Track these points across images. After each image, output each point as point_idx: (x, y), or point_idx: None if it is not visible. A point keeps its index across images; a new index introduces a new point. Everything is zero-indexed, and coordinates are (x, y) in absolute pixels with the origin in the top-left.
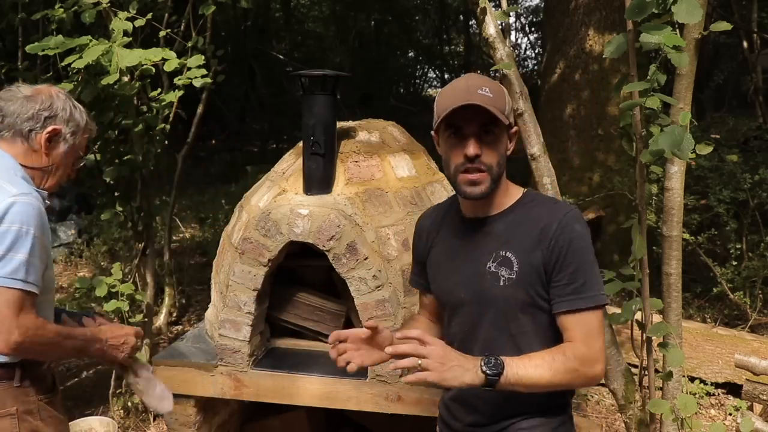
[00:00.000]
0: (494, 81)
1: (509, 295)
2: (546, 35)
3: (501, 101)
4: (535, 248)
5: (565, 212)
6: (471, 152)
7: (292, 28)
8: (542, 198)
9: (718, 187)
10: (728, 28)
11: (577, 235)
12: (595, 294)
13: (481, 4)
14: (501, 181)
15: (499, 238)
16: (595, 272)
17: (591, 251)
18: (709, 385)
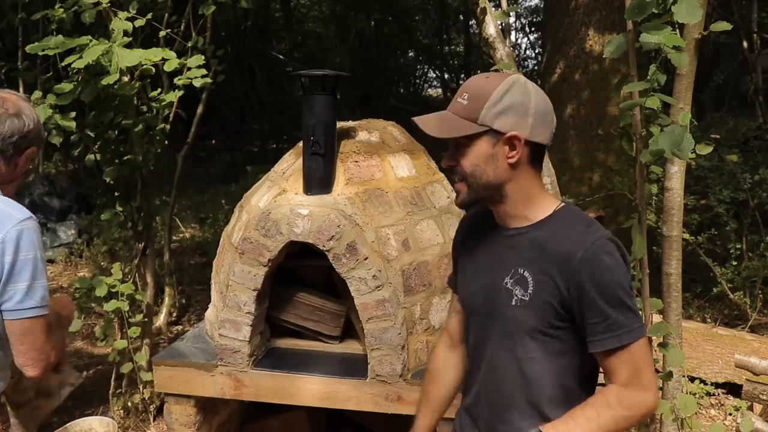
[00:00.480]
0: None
1: (519, 316)
2: (546, 35)
3: (475, 107)
4: (554, 276)
5: (593, 241)
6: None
7: (292, 28)
8: (576, 218)
9: (718, 187)
10: (728, 28)
11: (605, 268)
12: (629, 330)
13: (481, 4)
14: (499, 192)
15: (520, 255)
16: (628, 305)
17: (622, 283)
18: (709, 385)
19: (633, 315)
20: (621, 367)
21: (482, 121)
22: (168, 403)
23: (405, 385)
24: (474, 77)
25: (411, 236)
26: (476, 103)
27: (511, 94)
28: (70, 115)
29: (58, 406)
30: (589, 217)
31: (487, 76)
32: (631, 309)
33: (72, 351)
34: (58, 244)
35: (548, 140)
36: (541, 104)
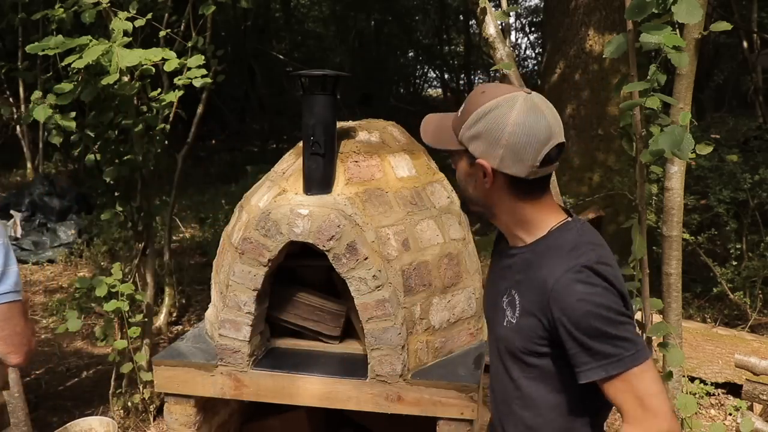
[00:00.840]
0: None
1: (509, 337)
2: (546, 35)
3: (459, 123)
4: (534, 302)
5: (568, 269)
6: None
7: (292, 28)
8: (564, 241)
9: (718, 187)
10: (728, 28)
11: (576, 300)
12: (618, 359)
13: (481, 4)
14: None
15: (513, 276)
16: (610, 334)
17: (599, 313)
18: (709, 385)
19: (621, 342)
20: (622, 399)
21: (461, 139)
22: (168, 403)
23: (405, 385)
24: (481, 85)
25: (411, 236)
26: (462, 118)
27: (487, 119)
28: (70, 115)
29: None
30: (581, 237)
31: (484, 90)
32: (618, 337)
33: (72, 351)
34: (58, 244)
35: (526, 174)
36: (521, 137)
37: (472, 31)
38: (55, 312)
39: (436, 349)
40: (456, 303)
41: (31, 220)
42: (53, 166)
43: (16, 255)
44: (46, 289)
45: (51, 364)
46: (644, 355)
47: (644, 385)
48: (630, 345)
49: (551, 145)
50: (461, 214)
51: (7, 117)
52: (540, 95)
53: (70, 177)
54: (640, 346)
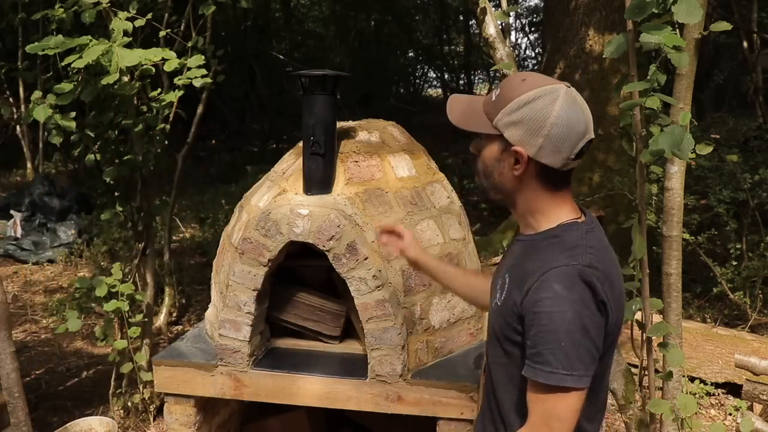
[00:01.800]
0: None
1: (493, 318)
2: (546, 35)
3: (496, 107)
4: (519, 288)
5: (556, 266)
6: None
7: (292, 28)
8: (565, 239)
9: (718, 187)
10: (728, 28)
11: (548, 296)
12: (552, 372)
13: (481, 4)
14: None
15: (511, 261)
16: (562, 347)
17: (567, 319)
18: (709, 385)
19: (565, 360)
20: (532, 405)
21: (496, 124)
22: (168, 403)
23: (405, 385)
24: (519, 73)
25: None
26: (499, 103)
27: (529, 108)
28: (70, 115)
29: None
30: (581, 241)
31: (525, 78)
32: (566, 354)
33: (72, 351)
34: (58, 244)
35: (560, 165)
36: (562, 129)
37: (472, 31)
38: (55, 312)
39: (436, 349)
40: (456, 303)
41: (31, 220)
42: (53, 166)
43: (16, 255)
44: (46, 289)
45: (51, 364)
46: (580, 383)
47: (557, 409)
48: (570, 366)
49: (586, 139)
50: (461, 214)
51: (7, 117)
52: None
53: (70, 177)
54: (581, 372)
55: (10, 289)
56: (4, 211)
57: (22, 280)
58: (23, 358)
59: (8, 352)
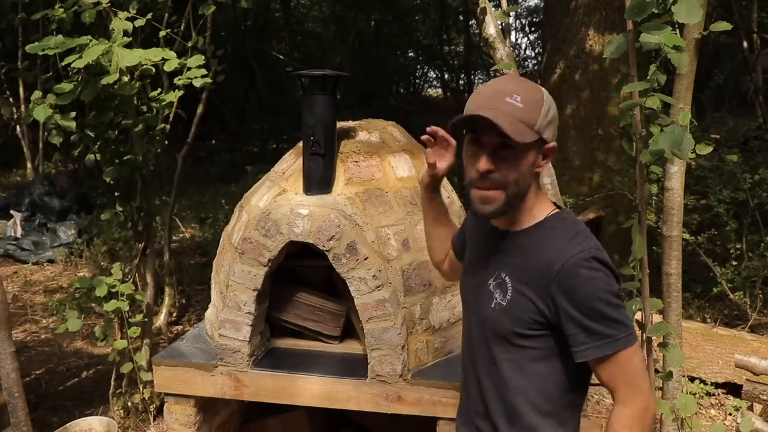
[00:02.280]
0: (535, 87)
1: (497, 320)
2: (546, 35)
3: (532, 112)
4: (534, 285)
5: (574, 254)
6: (482, 168)
7: (292, 28)
8: (563, 228)
9: (718, 187)
10: (728, 28)
11: (582, 282)
12: (614, 339)
13: (481, 4)
14: (521, 200)
15: (504, 258)
16: (609, 316)
17: (601, 296)
18: (709, 385)
19: (618, 325)
20: (614, 377)
21: (538, 128)
22: (168, 403)
23: (405, 385)
24: (510, 78)
25: (411, 236)
26: (532, 108)
27: (553, 105)
28: (70, 115)
29: (58, 406)
30: (577, 227)
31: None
32: (616, 320)
33: (72, 351)
34: (58, 244)
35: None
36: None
37: (472, 31)
38: (55, 312)
39: (436, 349)
40: (456, 303)
41: (31, 220)
42: (53, 166)
43: (17, 255)
44: (46, 289)
45: (51, 364)
46: (635, 338)
47: (632, 365)
48: (624, 328)
49: None
50: (461, 214)
51: (7, 117)
52: None
53: (70, 177)
54: (631, 329)
55: (10, 289)
56: (4, 211)
57: (22, 280)
58: (23, 358)
59: (8, 352)
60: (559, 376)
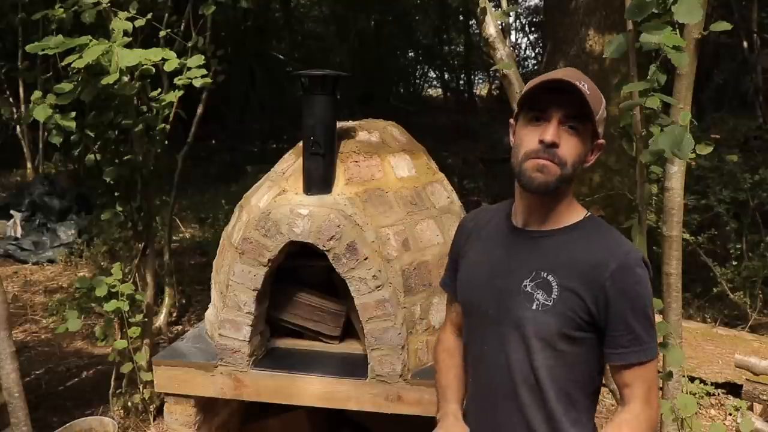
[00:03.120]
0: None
1: (540, 322)
2: (546, 35)
3: (596, 102)
4: (584, 282)
5: (627, 252)
6: (549, 137)
7: (292, 28)
8: (606, 228)
9: (718, 187)
10: (728, 28)
11: (637, 281)
12: (652, 346)
13: (481, 4)
14: (567, 189)
15: (545, 257)
16: (651, 321)
17: (649, 298)
18: (709, 385)
19: (654, 333)
20: (637, 383)
21: (598, 119)
22: (168, 403)
23: (405, 385)
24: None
25: (411, 236)
26: (596, 98)
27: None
28: (70, 115)
29: (58, 406)
30: (615, 231)
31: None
32: (653, 326)
33: (72, 351)
34: (58, 244)
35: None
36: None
37: (472, 31)
38: (55, 312)
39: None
40: None
41: (31, 220)
42: (53, 166)
43: (17, 255)
44: (46, 289)
45: (51, 364)
46: (658, 349)
47: (653, 376)
48: (655, 337)
49: None
50: (461, 214)
51: (7, 117)
52: None
53: (70, 177)
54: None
55: (10, 289)
56: (4, 211)
57: (22, 280)
58: (23, 358)
59: (8, 352)
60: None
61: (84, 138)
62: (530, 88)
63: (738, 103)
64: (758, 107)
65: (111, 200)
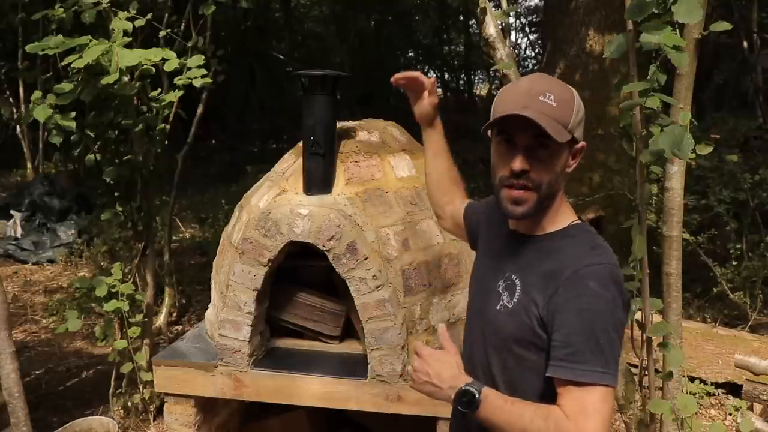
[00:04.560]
0: (565, 86)
1: (501, 322)
2: (546, 35)
3: (565, 112)
4: (541, 288)
5: (588, 264)
6: (517, 167)
7: (292, 28)
8: (584, 238)
9: (718, 187)
10: (728, 28)
11: (587, 294)
12: (590, 369)
13: (481, 4)
14: (551, 202)
15: (518, 261)
16: (599, 344)
17: (602, 318)
18: (709, 385)
19: (601, 356)
20: (569, 401)
21: (571, 128)
22: (168, 403)
23: (405, 385)
24: (541, 77)
25: (411, 236)
26: (565, 107)
27: (581, 102)
28: (70, 115)
29: (58, 406)
30: (598, 240)
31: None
32: (602, 350)
33: (72, 351)
34: (58, 244)
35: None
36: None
37: (472, 31)
38: (55, 312)
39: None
40: (456, 303)
41: (31, 220)
42: (53, 166)
43: (17, 255)
44: (46, 289)
45: (51, 364)
46: (613, 381)
47: (598, 405)
48: (605, 363)
49: None
50: None
51: (7, 117)
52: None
53: (70, 177)
54: (614, 372)
55: (10, 289)
56: (4, 211)
57: (22, 280)
58: (23, 358)
59: (8, 352)
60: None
61: (84, 138)
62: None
63: (738, 103)
64: (758, 107)
65: (111, 200)
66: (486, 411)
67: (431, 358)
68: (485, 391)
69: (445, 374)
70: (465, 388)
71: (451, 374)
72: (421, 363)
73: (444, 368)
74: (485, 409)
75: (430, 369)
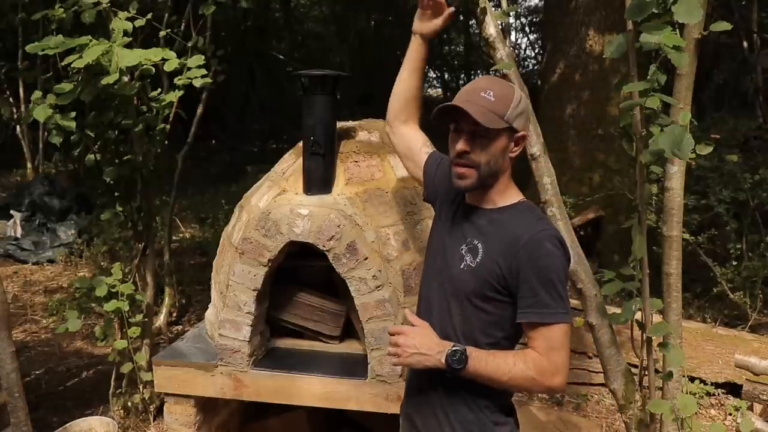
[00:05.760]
0: (508, 85)
1: (464, 279)
2: (546, 35)
3: (502, 105)
4: (502, 253)
5: (540, 230)
6: (459, 148)
7: (292, 28)
8: (532, 211)
9: (718, 187)
10: (728, 28)
11: (544, 253)
12: (553, 312)
13: (481, 4)
14: (495, 180)
15: (479, 229)
16: (558, 291)
17: (557, 271)
18: (709, 385)
19: (561, 300)
20: (539, 341)
21: (507, 118)
22: (168, 403)
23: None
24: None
25: (411, 236)
26: (503, 101)
27: (524, 100)
28: (70, 115)
29: (58, 406)
30: (541, 215)
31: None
32: (561, 295)
33: (72, 351)
34: (58, 244)
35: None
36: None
37: (472, 31)
38: (55, 312)
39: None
40: None
41: (31, 220)
42: (53, 166)
43: (17, 255)
44: (46, 289)
45: (51, 364)
46: (570, 319)
47: (561, 340)
48: (565, 305)
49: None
50: None
51: (7, 117)
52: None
53: (70, 177)
54: (569, 311)
55: (10, 289)
56: (4, 211)
57: (22, 280)
58: (23, 358)
59: (8, 352)
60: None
61: (84, 138)
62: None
63: (738, 103)
64: (758, 107)
65: (111, 200)
66: (474, 365)
67: (413, 332)
68: (469, 349)
69: (431, 343)
70: (453, 348)
71: (435, 342)
72: (405, 338)
73: (426, 339)
74: (473, 364)
75: (416, 341)
